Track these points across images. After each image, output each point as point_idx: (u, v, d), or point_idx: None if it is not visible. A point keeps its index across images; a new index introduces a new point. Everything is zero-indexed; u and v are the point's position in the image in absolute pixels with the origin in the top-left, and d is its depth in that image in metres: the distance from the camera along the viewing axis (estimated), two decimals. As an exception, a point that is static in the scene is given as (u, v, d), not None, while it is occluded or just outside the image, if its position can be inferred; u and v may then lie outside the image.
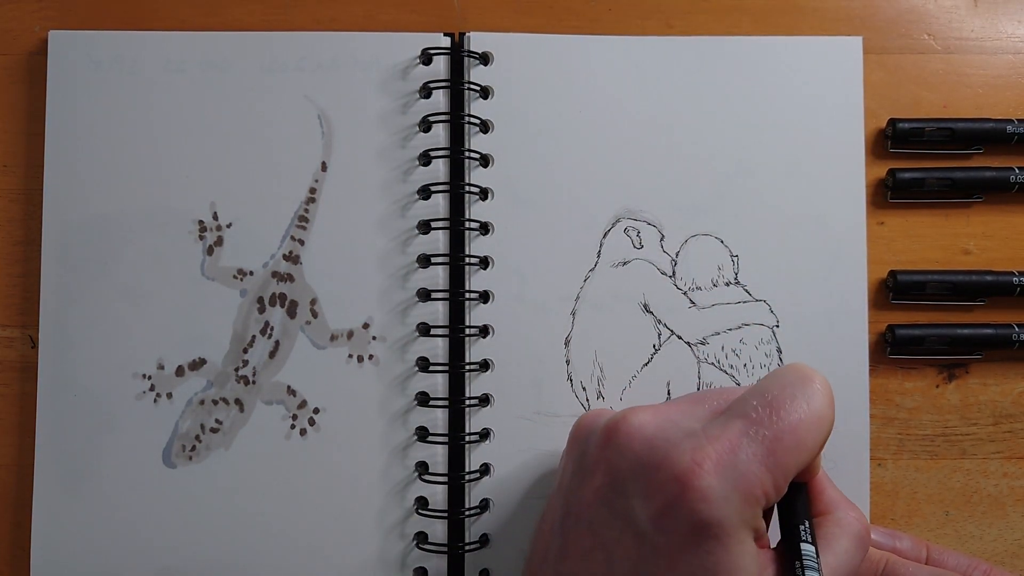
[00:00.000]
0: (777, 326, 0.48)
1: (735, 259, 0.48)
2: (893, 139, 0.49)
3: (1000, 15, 0.50)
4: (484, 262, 0.48)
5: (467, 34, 0.49)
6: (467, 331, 0.47)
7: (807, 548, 0.36)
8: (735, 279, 0.48)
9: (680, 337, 0.48)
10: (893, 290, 0.49)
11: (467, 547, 0.47)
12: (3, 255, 0.49)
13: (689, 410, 0.38)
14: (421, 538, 0.47)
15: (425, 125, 0.48)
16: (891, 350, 0.49)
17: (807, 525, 0.37)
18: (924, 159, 0.49)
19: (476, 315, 0.48)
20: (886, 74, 0.49)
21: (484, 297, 0.48)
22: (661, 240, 0.48)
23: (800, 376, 0.37)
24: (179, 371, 0.48)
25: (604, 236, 0.48)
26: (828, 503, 0.40)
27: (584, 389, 0.47)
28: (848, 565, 0.37)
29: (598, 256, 0.48)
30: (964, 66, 0.50)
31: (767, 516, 0.38)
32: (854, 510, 0.39)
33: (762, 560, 0.35)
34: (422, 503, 0.47)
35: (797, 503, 0.38)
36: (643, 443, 0.36)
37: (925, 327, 0.48)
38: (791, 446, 0.35)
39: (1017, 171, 0.48)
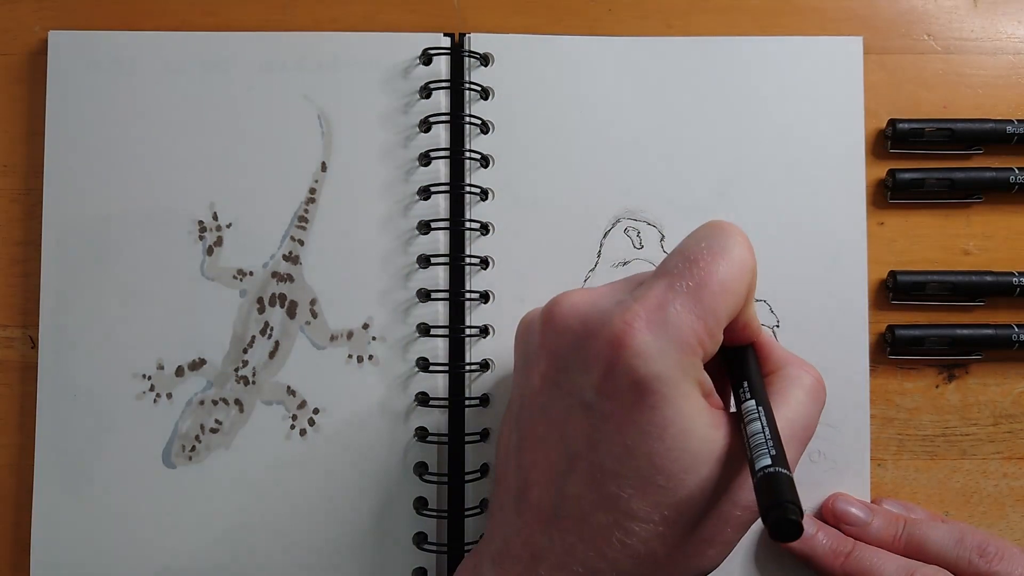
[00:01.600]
0: (777, 326, 0.48)
1: (736, 259, 0.48)
2: (893, 139, 0.49)
3: (1000, 15, 0.50)
4: (484, 262, 0.48)
5: (468, 35, 0.49)
6: (467, 331, 0.47)
7: (747, 405, 0.36)
8: (735, 279, 0.48)
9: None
10: (893, 290, 0.49)
11: (467, 547, 0.47)
12: (3, 255, 0.49)
13: (619, 285, 0.38)
14: (420, 538, 0.47)
15: (425, 125, 0.48)
16: (891, 350, 0.49)
17: (747, 384, 0.37)
18: (924, 159, 0.49)
19: (476, 315, 0.48)
20: (886, 74, 0.50)
21: (484, 297, 0.48)
22: (661, 240, 0.48)
23: (715, 229, 0.37)
24: (179, 371, 0.48)
25: (604, 236, 0.48)
26: (777, 362, 0.39)
27: (584, 389, 0.47)
28: (803, 416, 0.37)
29: (598, 256, 0.48)
30: (964, 66, 0.50)
31: (722, 388, 0.38)
32: (805, 366, 0.39)
33: (714, 419, 0.35)
34: (421, 503, 0.47)
35: (744, 366, 0.38)
36: (577, 319, 0.36)
37: (925, 327, 0.48)
38: (717, 291, 0.34)
39: (1017, 171, 0.48)
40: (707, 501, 0.34)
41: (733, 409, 0.37)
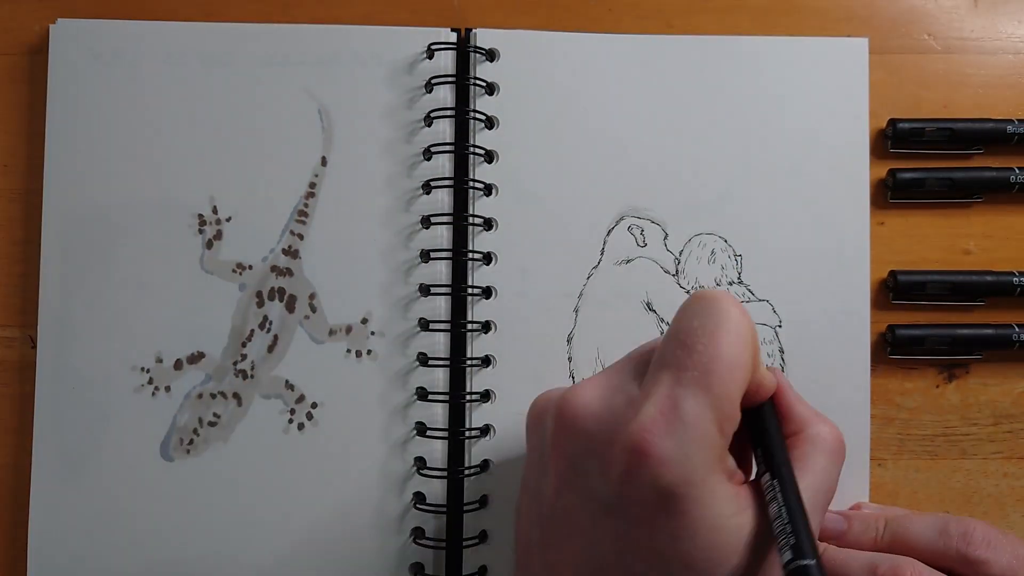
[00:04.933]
0: (780, 326, 0.48)
1: (738, 259, 0.48)
2: (893, 139, 0.49)
3: (1000, 15, 0.50)
4: (487, 258, 0.48)
5: (473, 30, 0.49)
6: (469, 326, 0.47)
7: (769, 484, 0.35)
8: (738, 279, 0.48)
9: (682, 335, 0.48)
10: (893, 290, 0.49)
11: (465, 543, 0.46)
12: (3, 255, 0.49)
13: (626, 371, 0.37)
14: (419, 533, 0.46)
15: (428, 120, 0.48)
16: (891, 350, 0.49)
17: (767, 457, 0.36)
18: (924, 159, 0.49)
19: (479, 311, 0.48)
20: (887, 74, 0.50)
21: (487, 293, 0.48)
22: (665, 239, 0.48)
23: (703, 303, 0.36)
24: (177, 365, 0.47)
25: (608, 234, 0.48)
26: (799, 421, 0.39)
27: (585, 386, 0.47)
28: (826, 481, 0.37)
29: (601, 254, 0.48)
30: (964, 66, 0.50)
31: (742, 449, 0.38)
32: (826, 424, 0.39)
33: (740, 502, 0.34)
34: (420, 498, 0.47)
35: (763, 433, 0.37)
36: (592, 419, 0.35)
37: (925, 327, 0.48)
38: (723, 372, 0.34)
39: (1017, 171, 0.48)
40: None
41: (755, 473, 0.37)
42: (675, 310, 0.46)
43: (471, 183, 0.48)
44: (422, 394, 0.47)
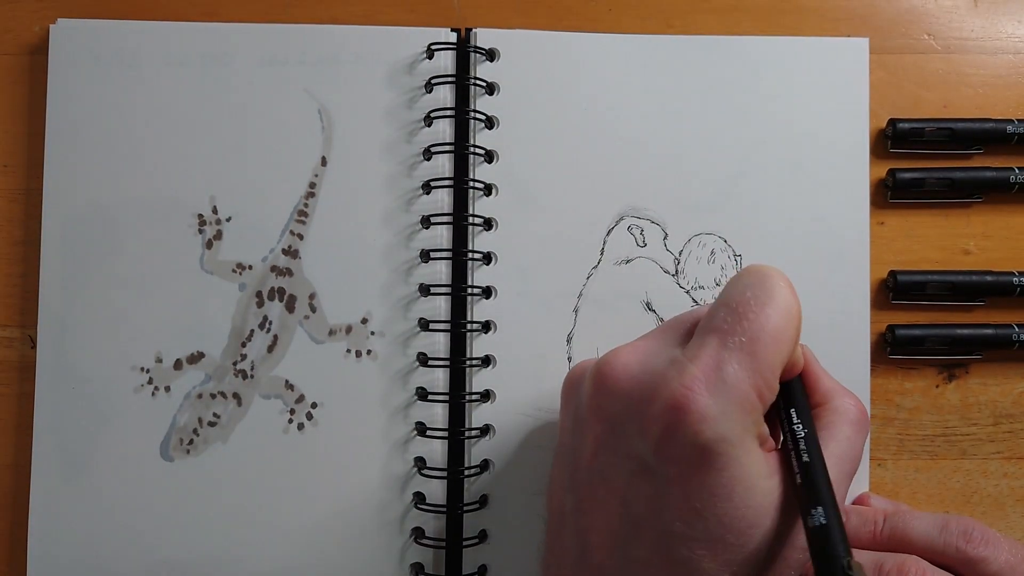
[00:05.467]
0: (778, 325, 0.48)
1: (738, 259, 0.48)
2: (893, 139, 0.49)
3: (1000, 15, 0.50)
4: (487, 258, 0.48)
5: (473, 30, 0.49)
6: (469, 326, 0.47)
7: (798, 429, 0.36)
8: (737, 278, 0.48)
9: (682, 335, 0.48)
10: (893, 290, 0.49)
11: (465, 542, 0.46)
12: (3, 255, 0.49)
13: (666, 338, 0.38)
14: (419, 533, 0.46)
15: (428, 120, 0.48)
16: (891, 350, 0.49)
17: (794, 412, 0.37)
18: (924, 159, 0.49)
19: (479, 311, 0.48)
20: (886, 74, 0.50)
21: (487, 293, 0.48)
22: (664, 239, 0.48)
23: (757, 276, 0.36)
24: (177, 364, 0.47)
25: (607, 234, 0.48)
26: (824, 393, 0.40)
27: (585, 385, 0.47)
28: (851, 450, 0.38)
29: (601, 254, 0.48)
30: (964, 66, 0.50)
31: (769, 421, 0.38)
32: (851, 396, 0.40)
33: (771, 463, 0.35)
34: (420, 498, 0.47)
35: (793, 403, 0.38)
36: (631, 382, 0.36)
37: (925, 327, 0.48)
38: (769, 343, 0.35)
39: (1017, 171, 0.48)
40: (772, 550, 0.34)
41: (781, 442, 0.38)
42: (675, 310, 0.47)
43: (471, 183, 0.48)
44: (422, 394, 0.47)
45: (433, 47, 0.48)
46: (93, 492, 0.47)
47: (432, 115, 0.48)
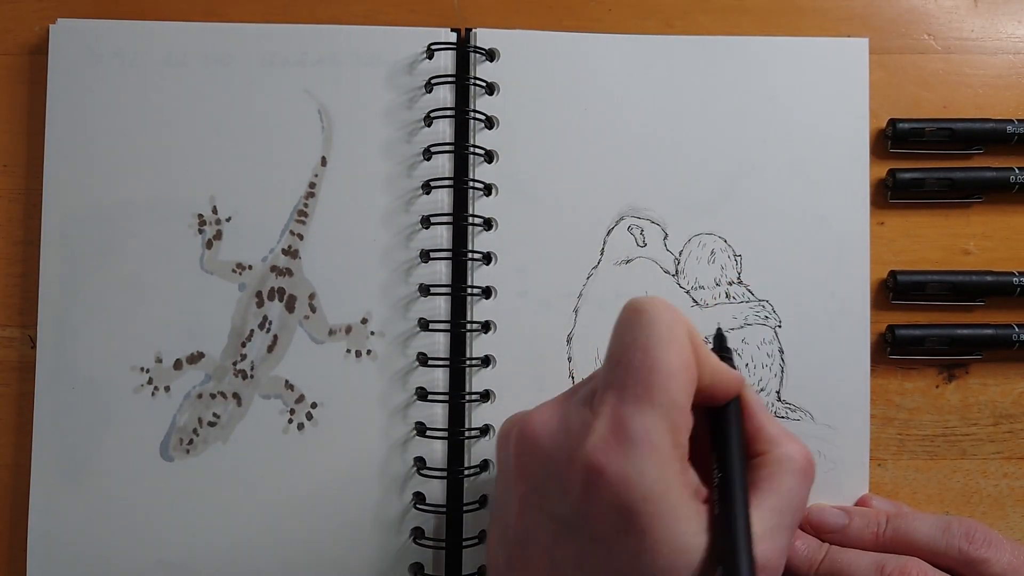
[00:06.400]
0: (779, 326, 0.48)
1: (738, 259, 0.48)
2: (893, 139, 0.49)
3: (1000, 15, 0.50)
4: (487, 258, 0.48)
5: (473, 30, 0.49)
6: (469, 326, 0.47)
7: (716, 476, 0.35)
8: (738, 279, 0.48)
9: (682, 336, 0.48)
10: (893, 290, 0.49)
11: (465, 543, 0.46)
12: (3, 255, 0.49)
13: (580, 393, 0.37)
14: (419, 533, 0.46)
15: (428, 120, 0.48)
16: (891, 350, 0.49)
17: (716, 454, 0.36)
18: (924, 159, 0.49)
19: (479, 311, 0.48)
20: (886, 74, 0.50)
21: (487, 293, 0.48)
22: (665, 239, 0.48)
23: (630, 314, 0.35)
24: (177, 364, 0.47)
25: (608, 234, 0.48)
26: (768, 440, 0.38)
27: (585, 386, 0.47)
28: (793, 501, 0.36)
29: (601, 254, 0.48)
30: (964, 66, 0.50)
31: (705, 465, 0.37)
32: (796, 443, 0.38)
33: (703, 521, 0.34)
34: (420, 498, 0.47)
35: (719, 440, 0.37)
36: (551, 440, 0.35)
37: (925, 327, 0.48)
38: (663, 382, 0.33)
39: (1017, 171, 0.48)
40: None
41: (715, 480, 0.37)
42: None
43: (471, 183, 0.48)
44: (422, 394, 0.47)
45: (433, 47, 0.48)
46: (93, 492, 0.47)
47: (432, 115, 0.48)
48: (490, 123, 0.48)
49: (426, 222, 0.48)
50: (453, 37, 0.49)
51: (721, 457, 0.36)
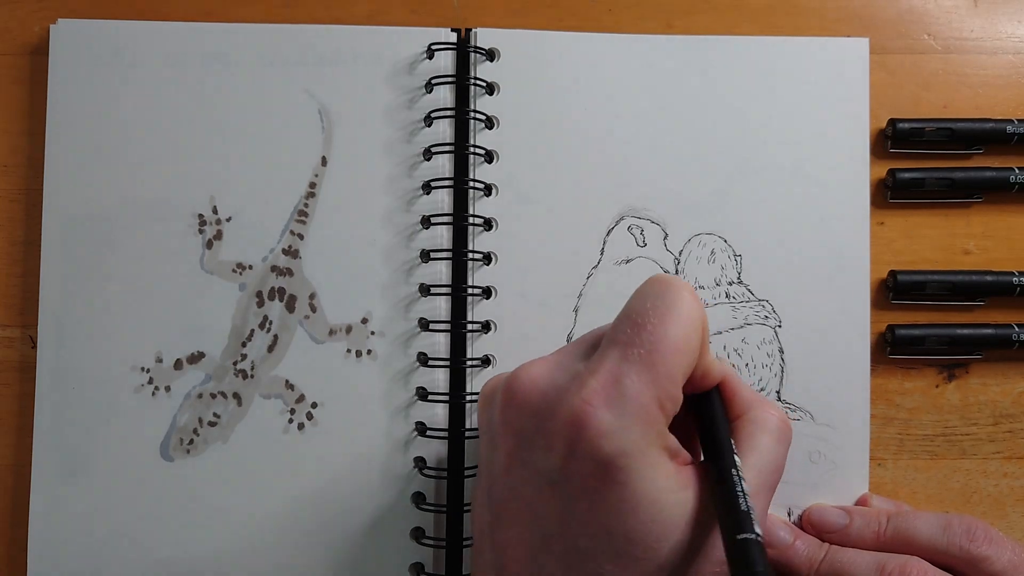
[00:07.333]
0: (779, 326, 0.48)
1: (738, 259, 0.48)
2: (893, 139, 0.49)
3: (1000, 15, 0.51)
4: (487, 258, 0.48)
5: (474, 30, 0.49)
6: (469, 326, 0.47)
7: (714, 464, 0.36)
8: (738, 279, 0.48)
9: (682, 335, 0.48)
10: (893, 290, 0.49)
11: (465, 542, 0.46)
12: (3, 255, 0.49)
13: (575, 351, 0.37)
14: (419, 533, 0.46)
15: (428, 120, 0.48)
16: (891, 350, 0.49)
17: (712, 439, 0.37)
18: (924, 159, 0.49)
19: (479, 311, 0.48)
20: (886, 74, 0.50)
21: (487, 293, 0.48)
22: (665, 239, 0.48)
23: (659, 286, 0.36)
24: (177, 364, 0.47)
25: (608, 234, 0.48)
26: (743, 405, 0.39)
27: (585, 385, 0.47)
28: (772, 460, 0.37)
29: (601, 254, 0.48)
30: (964, 66, 0.50)
31: (690, 434, 0.38)
32: (771, 407, 0.39)
33: (683, 479, 0.35)
34: (420, 498, 0.47)
35: (709, 417, 0.38)
36: (538, 395, 0.36)
37: (925, 327, 0.48)
38: (668, 354, 0.34)
39: (1017, 171, 0.48)
40: (683, 563, 0.34)
41: (702, 458, 0.37)
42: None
43: (471, 183, 0.48)
44: (422, 394, 0.47)
45: (433, 47, 0.48)
46: (93, 492, 0.47)
47: (432, 115, 0.48)
48: (490, 123, 0.48)
49: (426, 222, 0.48)
50: (453, 37, 0.49)
51: (709, 426, 0.37)
